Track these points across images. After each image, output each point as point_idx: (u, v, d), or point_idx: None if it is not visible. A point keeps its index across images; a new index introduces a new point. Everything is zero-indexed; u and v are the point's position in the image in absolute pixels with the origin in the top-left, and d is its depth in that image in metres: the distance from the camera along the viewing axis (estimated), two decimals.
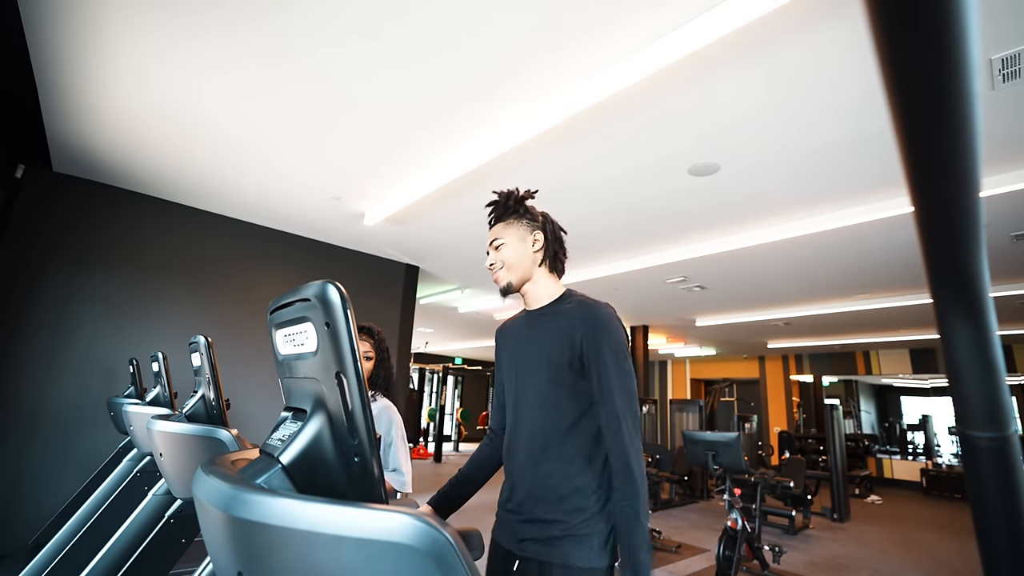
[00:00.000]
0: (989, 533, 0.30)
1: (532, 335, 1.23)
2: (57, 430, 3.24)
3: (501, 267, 1.25)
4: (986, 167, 2.75)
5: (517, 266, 1.25)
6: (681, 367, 12.74)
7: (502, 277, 1.25)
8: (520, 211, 1.28)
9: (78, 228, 3.48)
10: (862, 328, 7.56)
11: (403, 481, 1.79)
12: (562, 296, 1.25)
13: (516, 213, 1.28)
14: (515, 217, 1.27)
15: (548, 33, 1.90)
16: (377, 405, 1.88)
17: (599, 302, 1.17)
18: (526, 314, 1.29)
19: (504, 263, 1.24)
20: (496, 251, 1.26)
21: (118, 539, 1.30)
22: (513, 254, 1.24)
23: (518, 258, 1.24)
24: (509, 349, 1.30)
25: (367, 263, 4.97)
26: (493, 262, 1.27)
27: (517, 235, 1.25)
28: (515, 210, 1.28)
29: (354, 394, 0.47)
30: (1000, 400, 0.28)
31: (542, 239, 1.26)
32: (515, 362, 1.27)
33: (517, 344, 1.28)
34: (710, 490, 7.40)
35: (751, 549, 3.72)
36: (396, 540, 0.30)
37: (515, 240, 1.25)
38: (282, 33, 1.97)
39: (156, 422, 1.06)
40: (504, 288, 1.25)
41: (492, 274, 1.28)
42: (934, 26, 0.19)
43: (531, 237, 1.25)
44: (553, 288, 1.26)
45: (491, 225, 1.31)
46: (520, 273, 1.25)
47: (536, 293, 1.26)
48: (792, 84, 2.13)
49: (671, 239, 4.20)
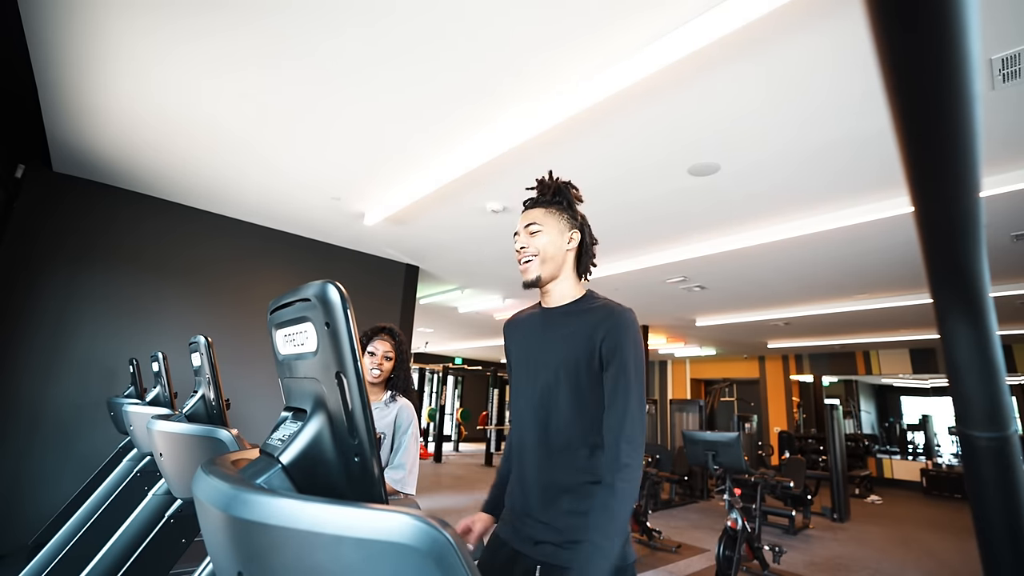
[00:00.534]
0: (989, 533, 0.30)
1: (550, 334, 1.17)
2: (57, 430, 3.24)
3: (535, 256, 1.15)
4: (986, 167, 2.75)
5: (552, 259, 1.16)
6: (681, 367, 12.74)
7: (533, 269, 1.15)
8: (564, 203, 1.19)
9: (78, 228, 3.48)
10: (862, 328, 7.56)
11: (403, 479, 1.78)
12: (584, 297, 1.18)
13: (560, 204, 1.19)
14: (558, 207, 1.18)
15: (548, 33, 1.90)
16: (397, 404, 1.89)
17: (623, 306, 1.11)
18: (542, 311, 1.22)
19: (539, 253, 1.15)
20: (531, 236, 1.16)
21: (118, 539, 1.30)
22: (550, 245, 1.15)
23: (554, 250, 1.16)
24: (522, 347, 1.23)
25: (367, 263, 4.97)
26: (525, 246, 1.16)
27: (557, 226, 1.17)
28: (560, 201, 1.19)
29: (354, 394, 0.47)
30: (1000, 400, 0.28)
31: (578, 239, 1.19)
32: (530, 360, 1.19)
33: (532, 342, 1.21)
34: (710, 490, 7.40)
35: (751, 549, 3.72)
36: (396, 540, 0.30)
37: (554, 231, 1.16)
38: (281, 34, 1.97)
39: (156, 422, 1.06)
40: (532, 281, 1.16)
41: (520, 261, 1.17)
42: (934, 26, 0.19)
43: (568, 234, 1.18)
44: (576, 288, 1.19)
45: (527, 207, 1.20)
46: (552, 268, 1.16)
47: (560, 292, 1.18)
48: (792, 84, 2.13)
49: (671, 239, 4.20)
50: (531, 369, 1.19)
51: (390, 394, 1.93)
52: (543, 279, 1.16)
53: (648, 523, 4.80)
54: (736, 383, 11.38)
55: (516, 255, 1.19)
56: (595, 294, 1.19)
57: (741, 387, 11.54)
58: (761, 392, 11.18)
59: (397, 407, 1.88)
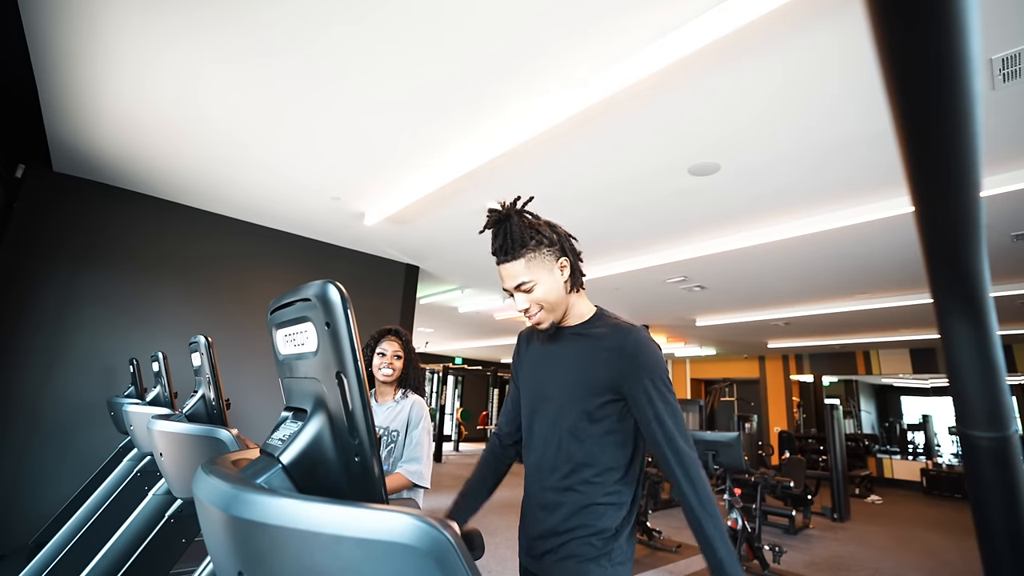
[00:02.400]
0: (990, 533, 0.30)
1: (559, 354, 1.15)
2: (57, 430, 3.24)
3: (539, 311, 1.11)
4: (987, 167, 2.75)
5: (557, 304, 1.11)
6: (681, 367, 12.74)
7: (545, 321, 1.11)
8: (535, 239, 1.09)
9: (78, 228, 3.48)
10: (862, 328, 7.55)
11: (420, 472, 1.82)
12: (593, 317, 1.16)
13: (531, 243, 1.09)
14: (533, 249, 1.09)
15: (549, 31, 1.89)
16: (409, 400, 1.95)
17: (634, 326, 1.08)
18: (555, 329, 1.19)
19: (542, 306, 1.10)
20: (526, 294, 1.10)
21: (118, 539, 1.30)
22: (549, 292, 1.10)
23: (556, 295, 1.10)
24: (532, 362, 1.22)
25: (367, 263, 4.97)
26: (527, 308, 1.11)
27: (544, 268, 1.09)
28: (528, 239, 1.08)
29: (354, 394, 0.47)
30: (1001, 400, 0.28)
31: (568, 263, 1.12)
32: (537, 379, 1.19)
33: (541, 360, 1.20)
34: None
35: (751, 549, 3.72)
36: (396, 540, 0.30)
37: (545, 275, 1.09)
38: (279, 28, 1.97)
39: (156, 422, 1.06)
40: (549, 329, 1.13)
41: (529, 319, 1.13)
42: (935, 25, 0.19)
43: (557, 265, 1.11)
44: (585, 307, 1.17)
45: (501, 261, 1.11)
46: (561, 310, 1.13)
47: (572, 314, 1.16)
48: (793, 83, 2.13)
49: (671, 239, 4.20)
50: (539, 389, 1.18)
51: (402, 391, 1.98)
52: (558, 322, 1.14)
53: (648, 523, 4.80)
54: (736, 383, 11.38)
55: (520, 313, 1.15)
56: (605, 312, 1.17)
57: (741, 387, 11.54)
58: (761, 392, 11.18)
59: (409, 403, 1.93)
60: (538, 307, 1.10)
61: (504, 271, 1.10)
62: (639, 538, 4.68)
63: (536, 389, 1.19)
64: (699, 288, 5.58)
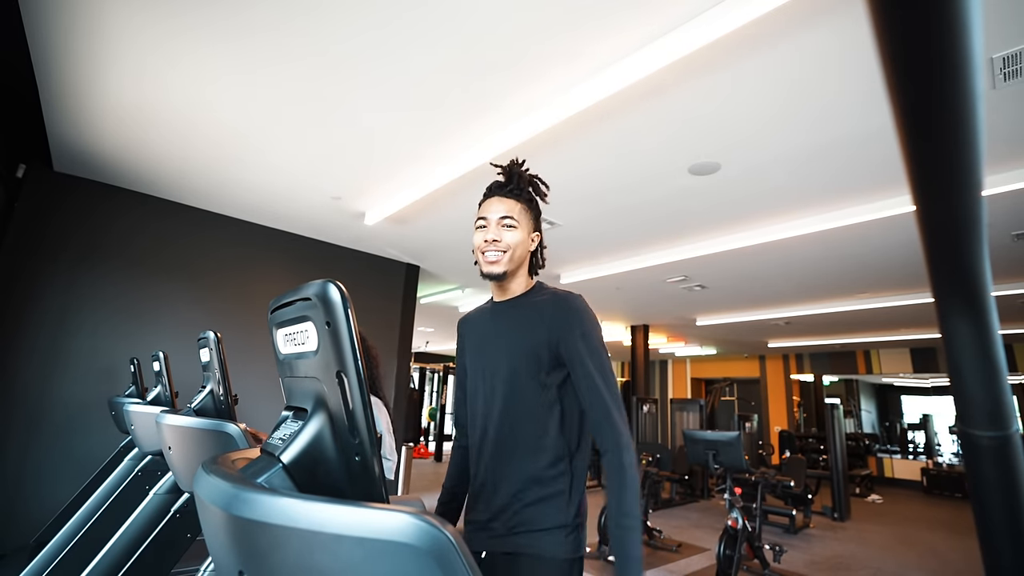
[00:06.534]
0: (991, 532, 0.30)
1: (500, 327, 1.18)
2: (58, 429, 3.24)
3: (505, 251, 1.13)
4: (988, 166, 2.75)
5: (519, 259, 1.16)
6: (681, 366, 12.74)
7: (503, 262, 1.13)
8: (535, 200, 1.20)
9: (79, 228, 3.48)
10: (862, 327, 7.55)
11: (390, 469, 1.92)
12: (533, 288, 1.19)
13: (534, 199, 1.19)
14: (529, 204, 1.18)
15: (550, 30, 1.89)
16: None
17: (571, 293, 1.13)
18: (492, 305, 1.23)
19: (510, 249, 1.13)
20: (505, 230, 1.13)
21: (119, 538, 1.30)
22: (520, 245, 1.15)
23: (521, 251, 1.15)
24: (475, 343, 1.24)
25: (368, 262, 4.98)
26: (497, 239, 1.12)
27: (526, 226, 1.16)
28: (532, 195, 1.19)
29: (355, 393, 0.47)
30: (1002, 399, 0.28)
31: (538, 241, 1.21)
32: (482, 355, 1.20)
33: (484, 336, 1.21)
34: (710, 489, 7.40)
35: (752, 548, 3.72)
36: (397, 539, 0.30)
37: (525, 231, 1.16)
38: (285, 30, 1.97)
39: (166, 416, 1.07)
40: (498, 275, 1.14)
41: (488, 251, 1.13)
42: (936, 24, 0.19)
43: (532, 235, 1.19)
44: (526, 282, 1.21)
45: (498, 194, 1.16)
46: (517, 266, 1.16)
47: (513, 287, 1.19)
48: (793, 83, 2.13)
49: (672, 238, 4.19)
50: (485, 365, 1.19)
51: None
52: (508, 275, 1.16)
53: (649, 522, 4.80)
54: (736, 382, 11.38)
55: (481, 243, 1.14)
56: (544, 285, 1.21)
57: (742, 386, 11.54)
58: (762, 391, 11.18)
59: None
60: (504, 248, 1.13)
61: (496, 203, 1.16)
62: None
63: (484, 364, 1.19)
64: (699, 288, 5.58)
